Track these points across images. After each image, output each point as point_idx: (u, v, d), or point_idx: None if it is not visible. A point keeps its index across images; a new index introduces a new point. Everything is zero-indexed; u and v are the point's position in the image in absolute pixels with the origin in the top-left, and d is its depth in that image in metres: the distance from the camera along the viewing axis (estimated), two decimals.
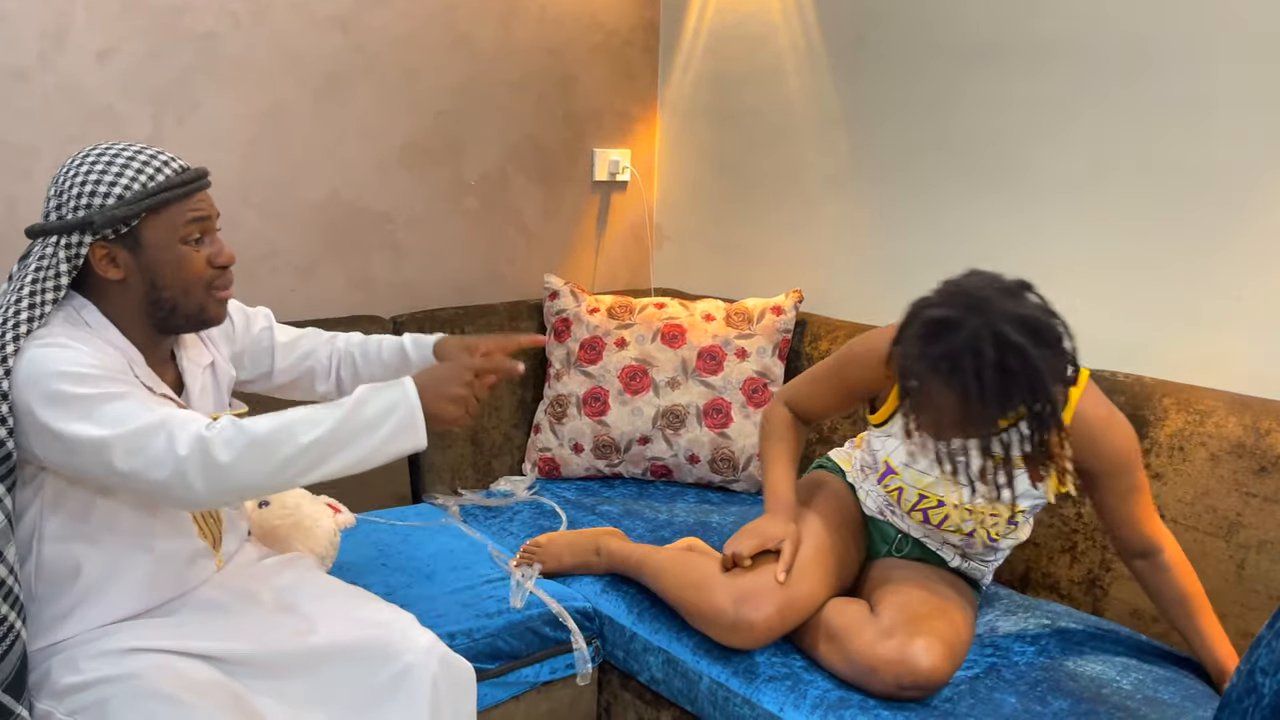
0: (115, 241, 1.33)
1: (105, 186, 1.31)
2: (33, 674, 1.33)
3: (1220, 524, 1.70)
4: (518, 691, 1.78)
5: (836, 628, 1.58)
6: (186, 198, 1.35)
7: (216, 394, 1.55)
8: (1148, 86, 1.88)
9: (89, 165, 1.33)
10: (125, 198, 1.31)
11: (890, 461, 1.70)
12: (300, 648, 1.40)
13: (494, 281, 2.61)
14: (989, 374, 1.34)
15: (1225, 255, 1.82)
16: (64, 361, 1.26)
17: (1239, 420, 1.71)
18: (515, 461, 2.42)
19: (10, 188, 1.94)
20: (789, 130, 2.52)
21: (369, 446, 1.29)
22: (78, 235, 1.31)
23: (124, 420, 1.24)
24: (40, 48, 1.92)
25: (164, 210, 1.34)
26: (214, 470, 1.24)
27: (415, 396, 1.31)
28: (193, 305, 1.38)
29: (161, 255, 1.34)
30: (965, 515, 1.65)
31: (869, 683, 1.51)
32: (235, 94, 2.15)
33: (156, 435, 1.24)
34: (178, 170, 1.36)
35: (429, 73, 2.41)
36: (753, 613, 1.59)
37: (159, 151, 1.37)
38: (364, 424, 1.29)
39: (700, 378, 2.31)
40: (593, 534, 1.94)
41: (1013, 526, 1.65)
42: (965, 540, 1.68)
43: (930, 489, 1.66)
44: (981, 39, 2.12)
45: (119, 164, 1.33)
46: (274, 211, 2.24)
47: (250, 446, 1.25)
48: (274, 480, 1.27)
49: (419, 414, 1.31)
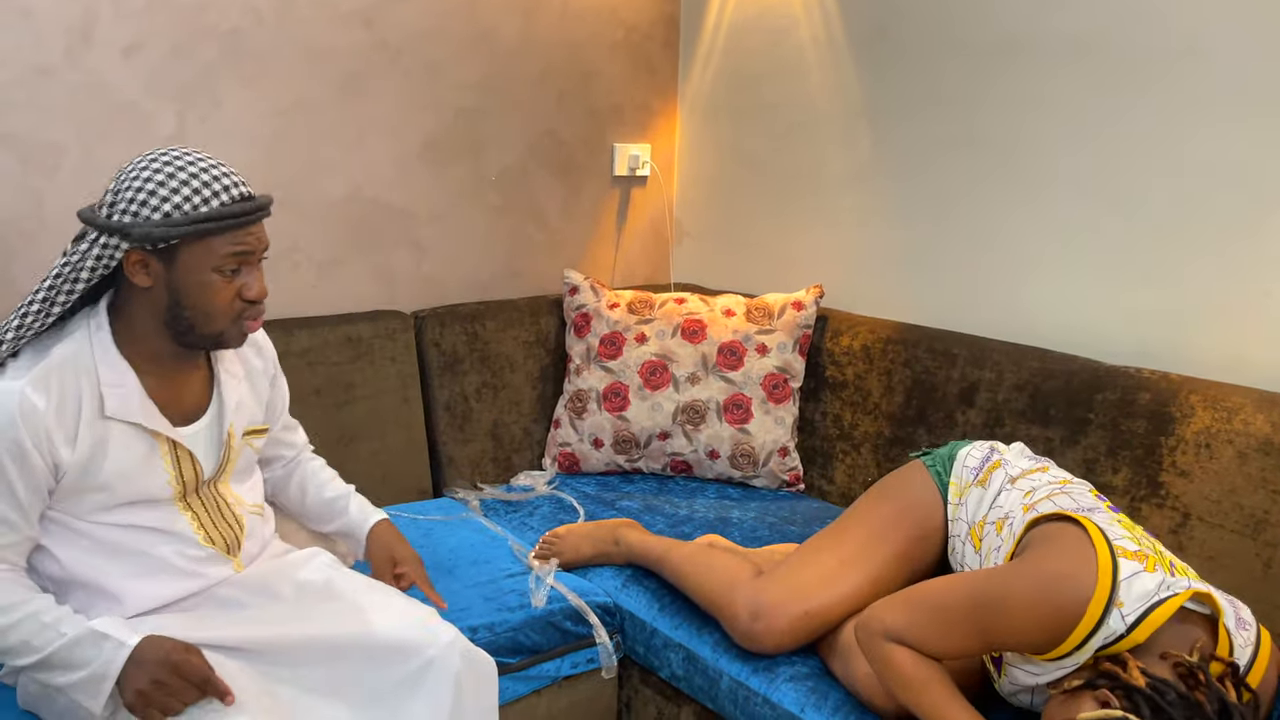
0: (151, 253, 1.32)
1: (157, 200, 1.30)
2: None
3: (1247, 522, 1.69)
4: (539, 686, 1.78)
5: (843, 644, 1.54)
6: (235, 229, 1.33)
7: (254, 404, 1.55)
8: (1174, 82, 1.86)
9: (151, 172, 1.32)
10: (172, 217, 1.30)
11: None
12: (322, 640, 1.40)
13: (514, 277, 2.61)
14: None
15: (1253, 251, 1.80)
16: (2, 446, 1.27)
17: (1267, 417, 1.69)
18: (535, 456, 2.43)
19: (37, 183, 1.96)
20: (810, 125, 2.51)
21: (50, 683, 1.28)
22: (116, 239, 1.31)
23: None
24: (66, 44, 1.94)
25: (206, 238, 1.32)
26: None
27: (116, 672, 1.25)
28: (212, 330, 1.38)
29: (190, 278, 1.33)
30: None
31: (871, 709, 1.48)
32: (258, 90, 2.16)
33: None
34: (235, 198, 1.33)
35: (451, 68, 2.41)
36: (764, 633, 1.58)
37: (225, 174, 1.34)
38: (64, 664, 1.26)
39: (720, 373, 2.30)
40: (611, 525, 1.95)
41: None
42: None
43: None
44: (1005, 33, 2.10)
45: (178, 180, 1.31)
46: (296, 207, 2.26)
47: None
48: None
49: (109, 685, 1.26)
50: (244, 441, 1.51)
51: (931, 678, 1.36)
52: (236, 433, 1.49)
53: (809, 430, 2.37)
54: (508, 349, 2.40)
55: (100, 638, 1.27)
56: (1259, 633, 1.31)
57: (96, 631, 1.27)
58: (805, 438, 2.38)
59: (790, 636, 1.58)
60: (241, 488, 1.54)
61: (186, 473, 1.43)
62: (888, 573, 1.58)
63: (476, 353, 2.36)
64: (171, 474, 1.41)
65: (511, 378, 2.40)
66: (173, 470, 1.41)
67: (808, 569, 1.60)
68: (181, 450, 1.42)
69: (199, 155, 1.35)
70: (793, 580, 1.59)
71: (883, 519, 1.62)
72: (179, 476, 1.42)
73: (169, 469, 1.41)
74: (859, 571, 1.58)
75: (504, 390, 2.39)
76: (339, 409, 2.16)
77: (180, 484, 1.42)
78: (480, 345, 2.37)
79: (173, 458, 1.41)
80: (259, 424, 1.56)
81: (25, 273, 1.96)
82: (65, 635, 1.27)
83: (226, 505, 1.49)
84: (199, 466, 1.44)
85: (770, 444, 2.28)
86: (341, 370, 2.17)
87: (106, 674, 1.25)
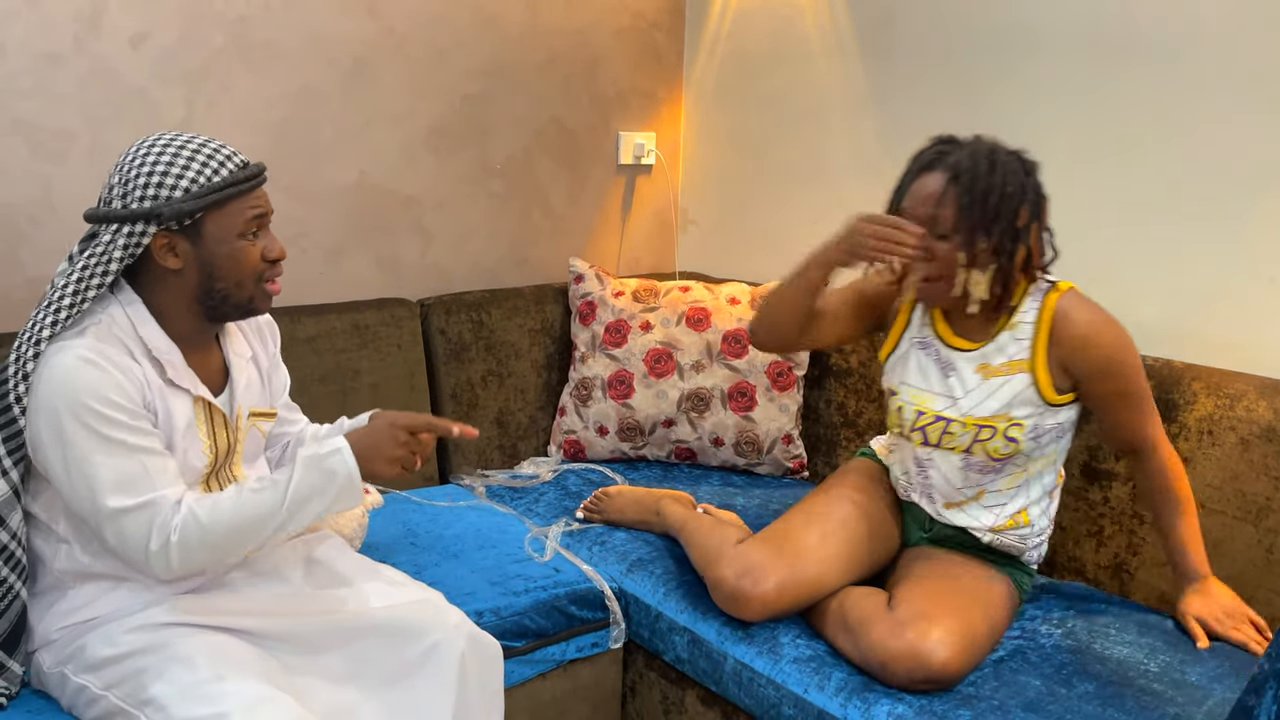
0: (178, 232, 1.35)
1: (173, 179, 1.33)
2: (68, 648, 1.36)
3: (1249, 508, 1.69)
4: (544, 669, 1.80)
5: (853, 620, 1.57)
6: (248, 193, 1.38)
7: (262, 388, 1.57)
8: (1178, 69, 1.86)
9: (155, 155, 1.35)
10: (192, 191, 1.33)
11: (892, 385, 1.74)
12: (330, 624, 1.42)
13: (520, 265, 2.62)
14: (975, 161, 1.55)
15: (1256, 237, 1.80)
16: (100, 386, 1.30)
17: (1269, 404, 1.70)
18: (541, 443, 2.44)
19: (46, 170, 1.97)
20: (815, 113, 2.51)
21: (313, 514, 1.38)
22: (142, 225, 1.33)
23: (121, 487, 1.31)
24: (75, 31, 1.95)
25: (226, 205, 1.36)
26: (179, 562, 1.34)
27: (353, 463, 1.37)
28: (244, 296, 1.41)
29: (220, 248, 1.37)
30: (961, 427, 1.63)
31: (882, 677, 1.51)
32: (265, 77, 2.17)
33: (139, 523, 1.32)
34: (239, 165, 1.38)
35: (456, 55, 2.41)
36: (751, 586, 1.62)
37: (222, 145, 1.39)
38: (307, 497, 1.36)
39: (725, 361, 2.31)
40: (658, 495, 2.02)
41: (1012, 443, 1.61)
42: (965, 460, 1.66)
43: (927, 404, 1.67)
44: (1012, 22, 2.10)
45: (185, 156, 1.35)
46: (303, 194, 2.26)
47: (210, 547, 1.35)
48: (231, 559, 1.43)
49: (357, 480, 1.38)
50: (251, 423, 1.53)
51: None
52: (244, 413, 1.51)
53: (813, 418, 2.38)
54: (513, 337, 2.41)
55: (317, 460, 1.36)
56: None
57: (310, 458, 1.36)
58: (809, 425, 2.39)
59: (776, 595, 1.61)
60: (250, 471, 1.56)
61: (220, 444, 1.46)
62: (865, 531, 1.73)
63: (482, 340, 2.37)
64: (207, 442, 1.44)
65: (517, 365, 2.41)
66: (208, 440, 1.44)
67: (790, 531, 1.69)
68: (217, 420, 1.45)
69: (191, 135, 1.39)
70: (775, 540, 1.66)
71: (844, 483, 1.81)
72: (213, 445, 1.45)
73: (205, 437, 1.44)
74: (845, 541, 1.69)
75: (510, 378, 2.40)
76: (345, 396, 2.17)
77: (214, 455, 1.45)
78: (486, 333, 2.38)
79: (208, 428, 1.44)
80: (266, 407, 1.57)
81: (33, 257, 1.98)
82: (290, 480, 1.36)
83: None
84: (232, 436, 1.48)
85: (774, 431, 2.29)
86: (348, 357, 2.18)
87: (351, 477, 1.37)
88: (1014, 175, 1.55)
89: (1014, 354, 1.61)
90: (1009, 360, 1.61)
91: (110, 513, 1.30)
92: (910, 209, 1.59)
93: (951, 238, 1.56)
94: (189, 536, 1.32)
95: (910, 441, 1.72)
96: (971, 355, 1.65)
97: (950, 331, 1.69)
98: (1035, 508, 1.69)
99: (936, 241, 1.57)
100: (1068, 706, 1.44)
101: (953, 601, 1.56)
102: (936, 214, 1.56)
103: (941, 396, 1.67)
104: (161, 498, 1.32)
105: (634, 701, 1.92)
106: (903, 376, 1.73)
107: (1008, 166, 1.55)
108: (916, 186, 1.59)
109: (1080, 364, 1.59)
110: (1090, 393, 1.62)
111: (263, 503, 1.35)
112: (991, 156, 1.55)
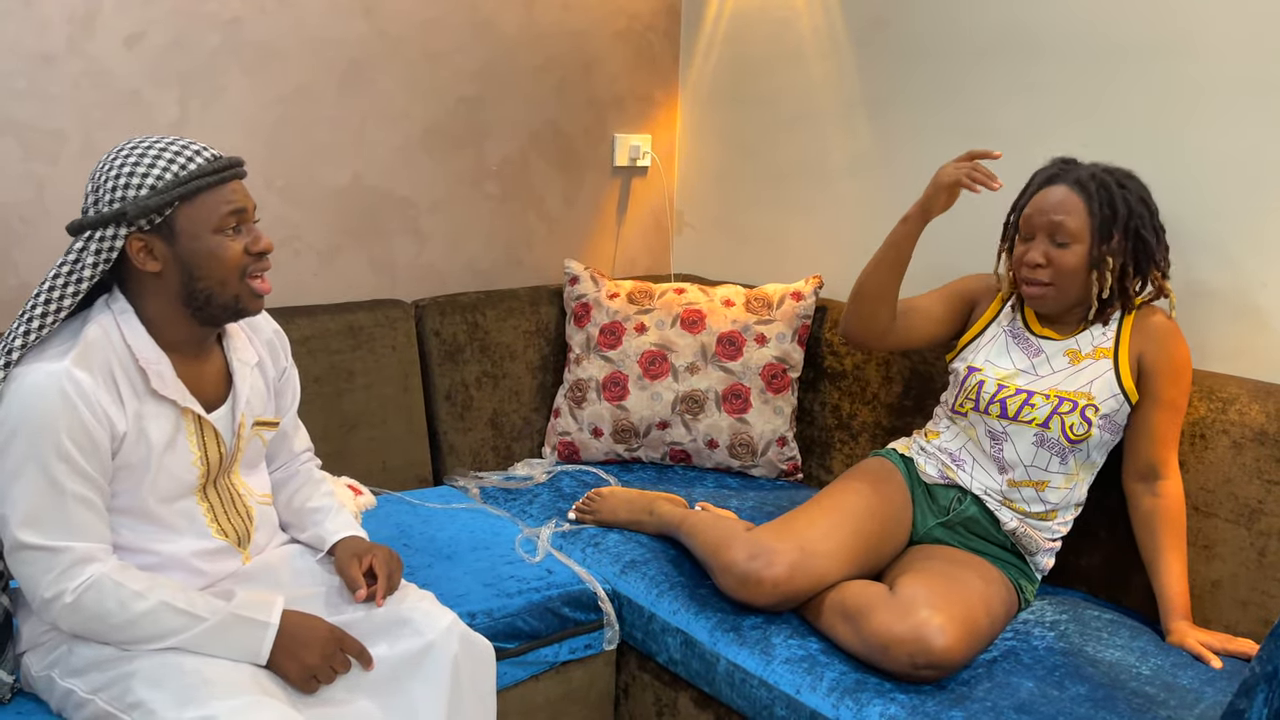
0: (151, 232, 1.34)
1: (138, 178, 1.32)
2: (55, 651, 1.35)
3: (1241, 511, 1.70)
4: (537, 671, 1.79)
5: (854, 607, 1.59)
6: (219, 185, 1.36)
7: (266, 395, 1.55)
8: (1172, 72, 1.87)
9: (122, 159, 1.35)
10: (157, 187, 1.32)
11: (972, 362, 1.83)
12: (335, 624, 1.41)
13: (515, 266, 2.62)
14: (1099, 177, 1.70)
15: (1249, 241, 1.80)
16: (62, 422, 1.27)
17: (1262, 408, 1.70)
18: (535, 445, 2.44)
19: (39, 171, 1.97)
20: (810, 115, 2.51)
21: (207, 653, 1.33)
22: (112, 228, 1.32)
23: (32, 522, 1.28)
24: (69, 32, 1.95)
25: (197, 198, 1.34)
26: (67, 623, 1.31)
27: (268, 650, 1.34)
28: (229, 295, 1.39)
29: (196, 245, 1.35)
30: (1044, 399, 1.71)
31: (883, 661, 1.52)
32: (260, 79, 2.17)
33: (38, 565, 1.28)
34: (210, 159, 1.37)
35: (452, 57, 2.41)
36: (763, 568, 1.63)
37: (191, 142, 1.38)
38: (213, 643, 1.33)
39: (720, 363, 2.31)
40: (651, 497, 2.03)
41: (1086, 424, 1.69)
42: (1040, 436, 1.71)
43: (1009, 379, 1.76)
44: (1005, 23, 2.10)
45: (151, 155, 1.34)
46: (297, 196, 2.26)
47: (103, 627, 1.30)
48: (115, 640, 1.33)
49: (263, 658, 1.34)
50: (254, 432, 1.52)
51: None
52: (247, 421, 1.50)
53: (807, 420, 2.38)
54: (508, 338, 2.41)
55: (242, 622, 1.33)
56: None
57: (239, 616, 1.33)
58: (804, 427, 2.39)
59: (787, 578, 1.62)
60: (251, 478, 1.55)
61: (212, 456, 1.44)
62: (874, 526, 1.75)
63: (477, 342, 2.37)
64: (197, 454, 1.42)
65: (512, 367, 2.41)
66: (198, 451, 1.42)
67: (798, 520, 1.73)
68: (208, 432, 1.43)
69: (160, 136, 1.38)
70: (785, 528, 1.70)
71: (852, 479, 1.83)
72: (204, 458, 1.43)
73: (195, 449, 1.42)
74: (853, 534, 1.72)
75: (504, 379, 2.40)
76: (340, 397, 2.17)
77: (205, 466, 1.43)
78: (480, 334, 2.38)
79: (199, 439, 1.42)
80: (270, 416, 1.56)
81: (26, 258, 1.97)
82: (205, 621, 1.32)
83: (239, 495, 1.50)
84: (224, 449, 1.45)
85: (769, 433, 2.29)
86: (342, 359, 2.18)
87: (259, 653, 1.34)
88: (1135, 188, 1.72)
89: (1100, 342, 1.74)
90: (1096, 347, 1.74)
91: (15, 542, 1.29)
92: (1033, 216, 1.73)
93: (1071, 246, 1.69)
94: (87, 606, 1.29)
95: (987, 416, 1.76)
96: (1061, 344, 1.77)
97: (1040, 324, 1.81)
98: (1067, 512, 1.78)
99: (1056, 249, 1.70)
100: (1060, 708, 1.44)
101: (956, 591, 1.58)
102: (1060, 221, 1.69)
103: (1025, 373, 1.77)
104: (69, 550, 1.29)
105: (627, 703, 1.92)
106: (988, 355, 1.83)
107: (1128, 182, 1.72)
108: (1039, 198, 1.73)
109: (1154, 359, 1.71)
110: (1148, 392, 1.71)
111: (171, 623, 1.31)
112: (1112, 173, 1.72)
